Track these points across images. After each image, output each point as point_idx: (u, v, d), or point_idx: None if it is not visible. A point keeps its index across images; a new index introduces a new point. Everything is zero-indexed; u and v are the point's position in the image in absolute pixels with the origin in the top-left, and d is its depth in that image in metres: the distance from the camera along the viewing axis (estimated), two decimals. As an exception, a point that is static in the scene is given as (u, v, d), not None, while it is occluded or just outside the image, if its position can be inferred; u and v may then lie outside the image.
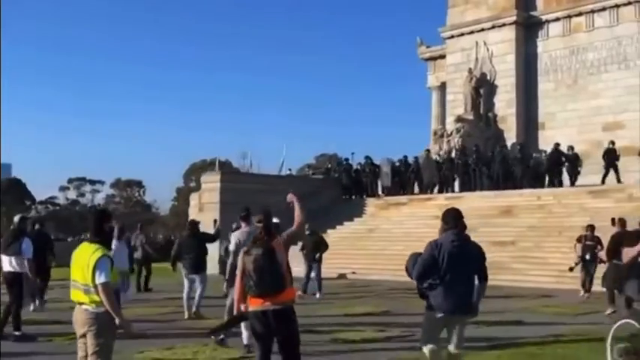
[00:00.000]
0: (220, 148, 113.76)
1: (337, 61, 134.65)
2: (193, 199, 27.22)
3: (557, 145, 25.20)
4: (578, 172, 25.26)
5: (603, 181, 24.05)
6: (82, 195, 67.74)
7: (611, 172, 24.41)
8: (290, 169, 33.55)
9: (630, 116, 27.88)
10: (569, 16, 30.11)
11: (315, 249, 16.47)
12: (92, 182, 68.35)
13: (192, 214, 26.25)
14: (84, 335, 5.69)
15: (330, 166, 34.13)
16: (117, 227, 11.27)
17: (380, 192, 29.06)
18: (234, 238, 9.47)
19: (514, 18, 30.91)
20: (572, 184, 24.83)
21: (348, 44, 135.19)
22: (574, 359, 8.31)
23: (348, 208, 27.50)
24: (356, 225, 26.11)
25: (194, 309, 12.29)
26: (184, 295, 12.52)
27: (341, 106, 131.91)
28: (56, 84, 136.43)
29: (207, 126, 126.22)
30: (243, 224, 9.51)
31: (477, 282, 6.23)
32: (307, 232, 15.79)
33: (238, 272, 6.47)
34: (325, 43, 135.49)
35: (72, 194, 67.62)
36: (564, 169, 25.30)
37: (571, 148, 25.53)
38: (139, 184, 68.79)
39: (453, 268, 6.00)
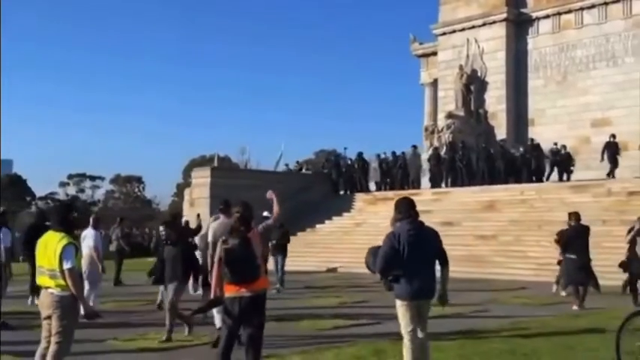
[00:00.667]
0: (221, 144, 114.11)
1: (335, 58, 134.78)
2: (186, 194, 27.75)
3: (532, 140, 25.57)
4: (571, 172, 25.51)
5: (609, 175, 23.91)
6: (82, 191, 68.19)
7: (605, 167, 24.62)
8: (287, 164, 33.85)
9: (618, 113, 28.17)
10: (559, 14, 30.40)
11: (281, 241, 16.53)
12: (92, 178, 68.82)
13: (185, 208, 26.78)
14: (49, 317, 6.14)
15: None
16: (92, 218, 11.63)
17: (372, 187, 29.46)
18: (212, 229, 9.56)
19: (504, 15, 31.18)
20: (567, 180, 25.00)
21: (345, 42, 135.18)
22: (527, 348, 8.63)
23: (338, 203, 27.90)
24: (344, 220, 26.51)
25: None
26: (160, 288, 12.74)
27: (341, 103, 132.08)
28: (56, 79, 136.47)
29: (207, 122, 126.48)
30: (222, 216, 9.59)
31: (438, 268, 6.42)
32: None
33: (216, 260, 6.91)
34: (322, 40, 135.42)
35: (72, 190, 68.07)
36: (554, 167, 25.60)
37: (563, 147, 25.79)
38: (138, 180, 69.28)
39: (414, 255, 6.21)
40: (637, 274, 13.00)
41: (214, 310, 8.96)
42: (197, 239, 13.40)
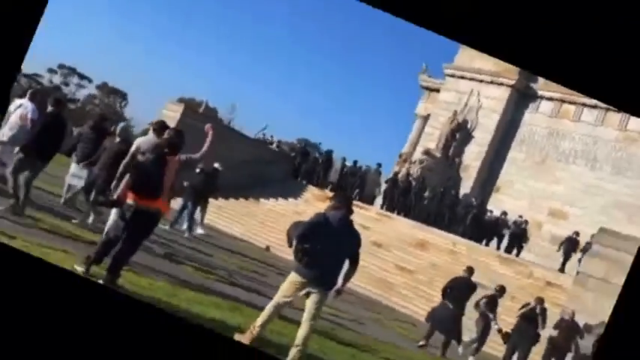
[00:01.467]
0: (214, 96, 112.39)
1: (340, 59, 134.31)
2: (153, 122, 27.95)
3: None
4: (522, 247, 26.05)
5: (561, 269, 23.47)
6: (67, 85, 67.65)
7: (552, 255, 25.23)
8: (264, 134, 34.06)
9: (575, 211, 28.95)
10: (562, 101, 31.09)
11: (202, 188, 16.13)
12: (81, 76, 68.31)
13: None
14: None
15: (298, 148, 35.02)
16: (30, 91, 11.69)
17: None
18: (136, 142, 9.85)
19: (513, 82, 31.85)
20: (516, 253, 25.44)
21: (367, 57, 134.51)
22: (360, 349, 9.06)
23: (291, 187, 28.31)
24: (288, 204, 26.88)
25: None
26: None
27: (339, 101, 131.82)
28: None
29: (206, 70, 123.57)
30: (152, 134, 9.75)
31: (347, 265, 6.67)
32: (197, 171, 15.49)
33: (128, 165, 7.32)
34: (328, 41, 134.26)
35: (57, 79, 67.45)
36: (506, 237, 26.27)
37: (525, 222, 26.43)
38: (123, 96, 68.93)
39: (332, 243, 6.38)
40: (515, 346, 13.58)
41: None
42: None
